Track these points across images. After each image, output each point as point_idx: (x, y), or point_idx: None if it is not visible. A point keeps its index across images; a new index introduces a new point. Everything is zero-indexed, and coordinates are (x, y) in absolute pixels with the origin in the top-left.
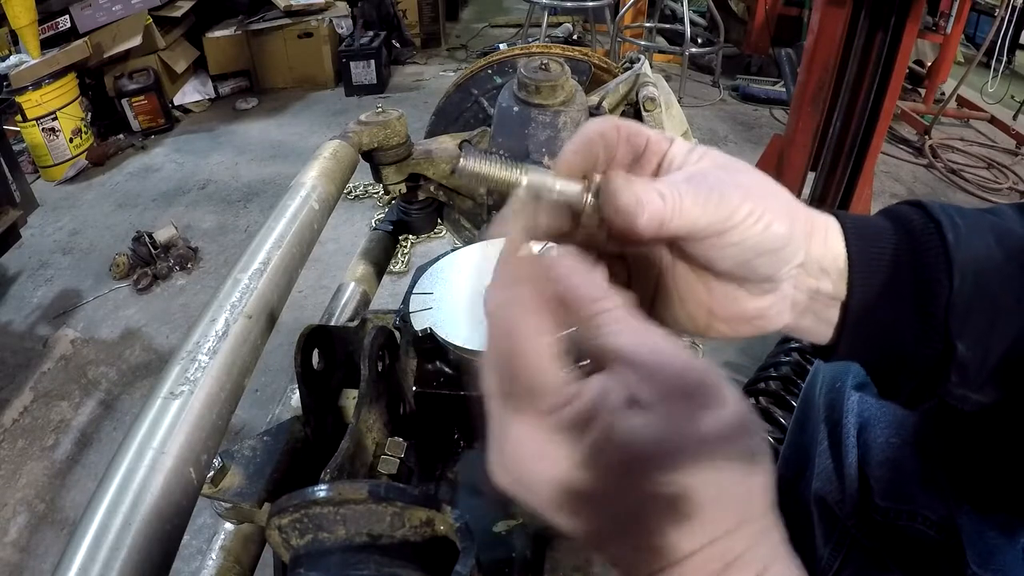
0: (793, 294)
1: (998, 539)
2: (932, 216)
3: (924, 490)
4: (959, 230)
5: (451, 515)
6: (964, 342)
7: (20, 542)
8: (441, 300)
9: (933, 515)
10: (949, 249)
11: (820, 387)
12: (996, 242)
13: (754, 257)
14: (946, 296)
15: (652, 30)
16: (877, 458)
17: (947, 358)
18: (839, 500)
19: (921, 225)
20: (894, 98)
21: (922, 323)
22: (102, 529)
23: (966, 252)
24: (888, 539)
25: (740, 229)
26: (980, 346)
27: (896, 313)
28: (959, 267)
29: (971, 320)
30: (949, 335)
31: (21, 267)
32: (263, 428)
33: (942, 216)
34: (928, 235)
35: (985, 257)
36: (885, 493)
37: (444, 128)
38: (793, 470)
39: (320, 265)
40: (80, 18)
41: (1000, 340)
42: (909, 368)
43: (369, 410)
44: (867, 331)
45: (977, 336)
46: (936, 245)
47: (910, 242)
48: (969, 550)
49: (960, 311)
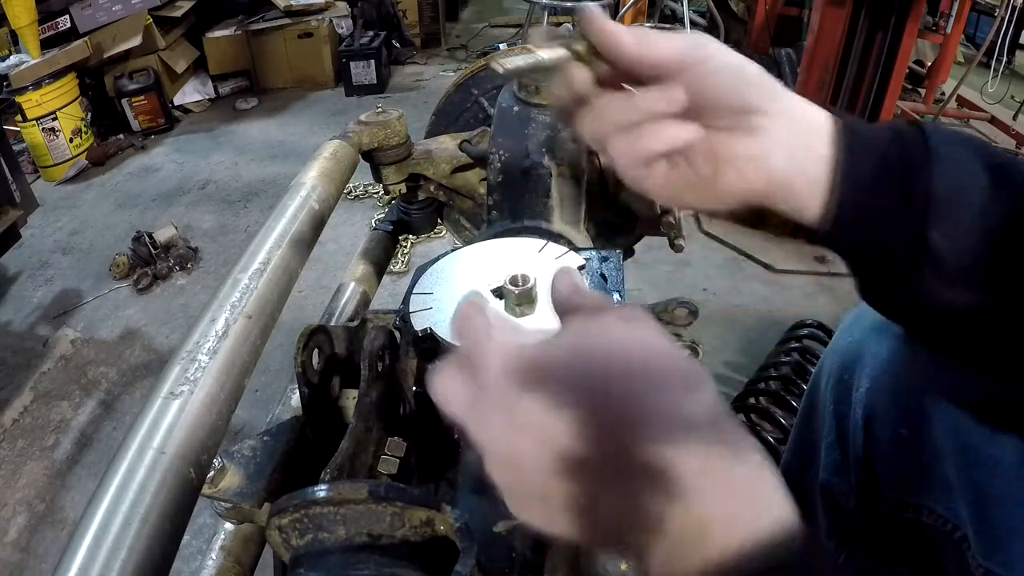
0: (783, 138)
1: (1005, 531)
2: (919, 126)
3: (931, 482)
4: (943, 136)
5: (451, 515)
6: (939, 231)
7: (20, 542)
8: (441, 300)
9: (939, 507)
10: (931, 147)
11: (827, 380)
12: (975, 153)
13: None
14: (925, 186)
15: None
16: (884, 450)
17: (921, 247)
18: (846, 492)
19: (908, 130)
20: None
21: (904, 210)
22: (102, 529)
23: (947, 152)
24: (894, 531)
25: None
26: (953, 240)
27: (880, 202)
28: (939, 164)
29: (947, 214)
30: (925, 224)
31: (21, 267)
32: (263, 428)
33: (928, 126)
34: (914, 137)
35: (965, 161)
36: (892, 485)
37: (444, 128)
38: (799, 463)
39: (320, 265)
40: (80, 18)
41: (974, 239)
42: (888, 258)
43: (369, 410)
44: (855, 214)
45: (951, 230)
46: (919, 143)
47: (900, 140)
48: (975, 542)
49: (938, 202)
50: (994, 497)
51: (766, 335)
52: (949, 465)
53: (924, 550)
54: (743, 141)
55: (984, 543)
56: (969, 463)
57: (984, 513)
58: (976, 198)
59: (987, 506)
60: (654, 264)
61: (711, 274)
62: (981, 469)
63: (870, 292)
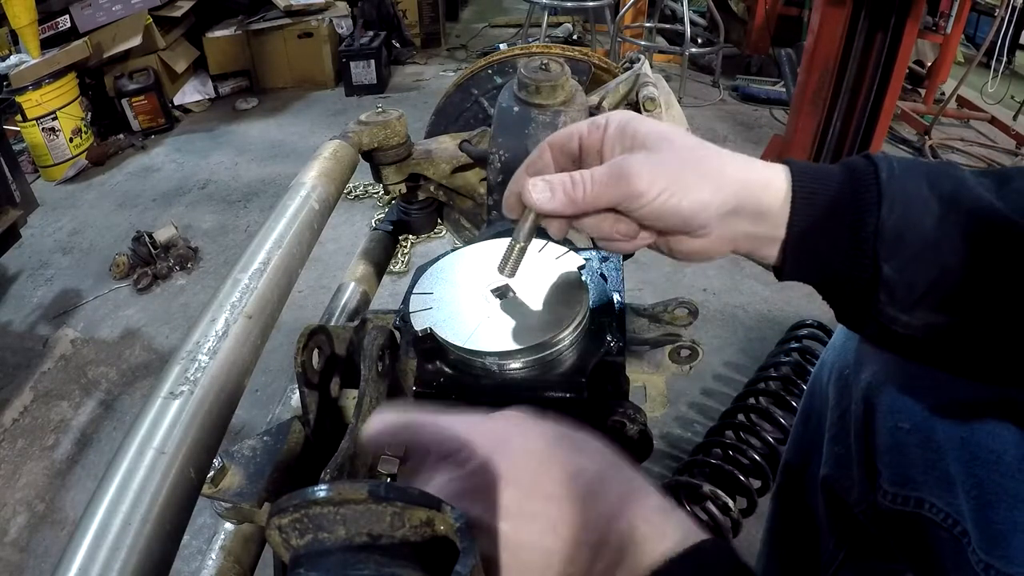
0: (730, 235)
1: (1006, 525)
2: (873, 161)
3: (930, 477)
4: (893, 171)
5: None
6: (890, 265)
7: (20, 542)
8: (441, 300)
9: (940, 502)
10: (881, 184)
11: (828, 376)
12: (928, 183)
13: (674, 219)
14: (874, 224)
15: (652, 30)
16: (885, 445)
17: (875, 280)
18: (847, 486)
19: (863, 167)
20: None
21: (854, 248)
22: (102, 529)
23: (897, 187)
24: (895, 525)
25: (654, 203)
26: (907, 270)
27: (833, 241)
28: (888, 199)
29: (898, 247)
30: (877, 258)
31: (21, 267)
32: (263, 428)
33: (882, 162)
34: (866, 174)
35: (915, 194)
36: (892, 479)
37: (444, 128)
38: (800, 460)
39: (320, 265)
40: (80, 18)
41: (927, 268)
42: (846, 289)
43: (369, 410)
44: (807, 256)
45: (904, 261)
46: (871, 181)
47: (852, 182)
48: (976, 536)
49: (888, 237)
50: (995, 492)
51: (766, 335)
52: (950, 460)
53: (924, 544)
54: (690, 242)
55: (985, 538)
56: (970, 458)
57: (985, 508)
58: (927, 228)
59: (988, 501)
60: (654, 264)
61: (711, 274)
62: (982, 464)
63: (840, 316)
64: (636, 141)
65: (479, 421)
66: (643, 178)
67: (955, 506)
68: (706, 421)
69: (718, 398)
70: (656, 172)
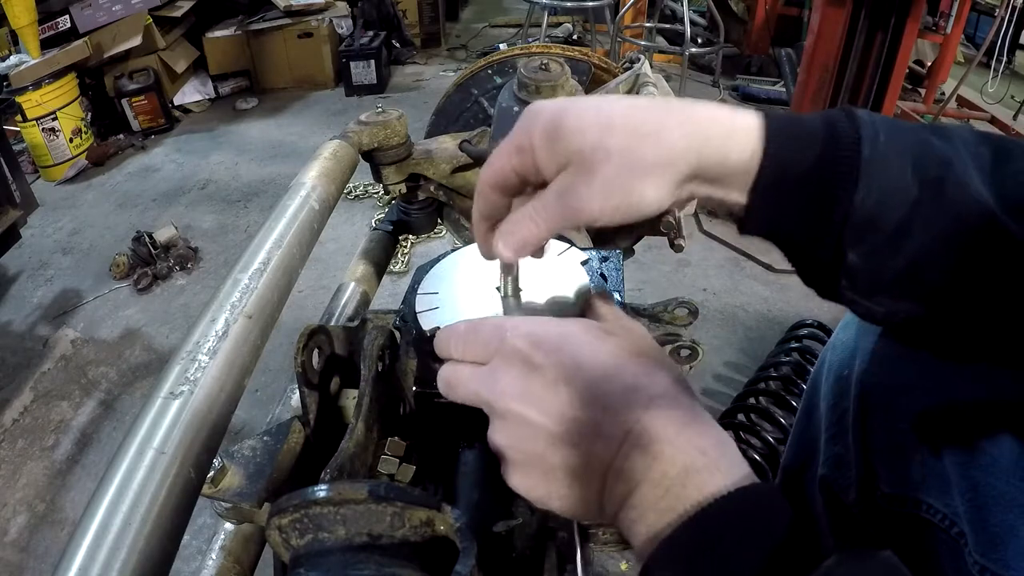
0: (687, 196)
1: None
2: (857, 127)
3: (928, 478)
4: (877, 145)
5: (451, 515)
6: (855, 252)
7: (20, 542)
8: (446, 300)
9: (937, 503)
10: (861, 164)
11: (827, 375)
12: (912, 165)
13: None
14: (845, 209)
15: (652, 30)
16: (882, 445)
17: (839, 264)
18: (845, 486)
19: (846, 136)
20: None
21: (819, 228)
22: (102, 529)
23: (877, 170)
24: (892, 526)
25: (612, 218)
26: (872, 259)
27: (798, 213)
28: (865, 183)
29: (866, 234)
30: (842, 243)
31: (21, 267)
32: (263, 428)
33: (866, 129)
34: (847, 148)
35: (896, 178)
36: (890, 480)
37: (444, 128)
38: (799, 461)
39: (320, 265)
40: (80, 18)
41: (894, 257)
42: (807, 261)
43: (369, 410)
44: (768, 222)
45: (872, 249)
46: (852, 158)
47: (831, 153)
48: (972, 539)
49: (857, 223)
50: (992, 496)
51: (766, 335)
52: (947, 462)
53: (922, 546)
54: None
55: (981, 541)
56: (966, 461)
57: (981, 511)
58: (901, 216)
59: (984, 504)
60: (654, 264)
61: (711, 274)
62: (977, 467)
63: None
64: (571, 157)
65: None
66: (593, 204)
67: (952, 508)
68: None
69: (718, 398)
70: (604, 193)
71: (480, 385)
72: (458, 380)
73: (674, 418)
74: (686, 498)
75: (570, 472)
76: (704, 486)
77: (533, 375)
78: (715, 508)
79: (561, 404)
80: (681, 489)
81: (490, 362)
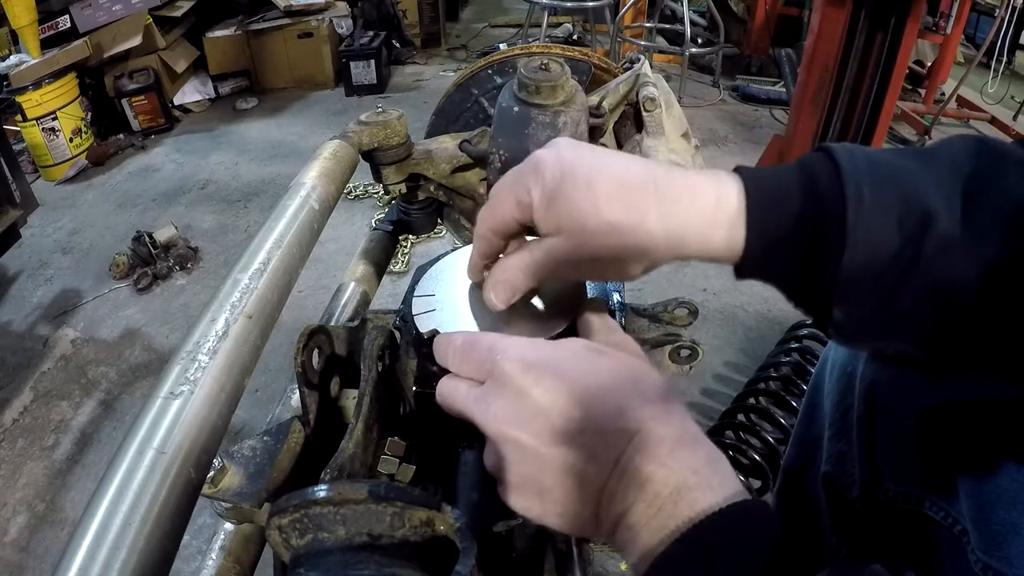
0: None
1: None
2: (842, 189)
3: (932, 476)
4: (862, 207)
5: (451, 515)
6: (841, 308)
7: (20, 542)
8: (444, 302)
9: (940, 500)
10: (847, 229)
11: (830, 373)
12: (897, 223)
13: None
14: (832, 272)
15: (652, 30)
16: (886, 442)
17: (824, 315)
18: (848, 483)
19: (830, 201)
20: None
21: (805, 286)
22: (102, 529)
23: (863, 234)
24: (895, 523)
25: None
26: (853, 314)
27: (786, 269)
28: (851, 247)
29: (851, 292)
30: (828, 300)
31: (21, 267)
32: (263, 428)
33: (850, 188)
34: (832, 215)
35: (882, 237)
36: (893, 477)
37: (444, 128)
38: (801, 460)
39: (320, 265)
40: (80, 18)
41: (884, 312)
42: (798, 303)
43: (369, 410)
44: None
45: (856, 304)
46: (837, 225)
47: (814, 220)
48: (974, 537)
49: (843, 282)
50: (995, 494)
51: (766, 335)
52: (950, 460)
53: (925, 543)
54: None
55: (983, 539)
56: (970, 459)
57: (984, 510)
58: (887, 276)
59: (987, 503)
60: None
61: (711, 274)
62: (981, 466)
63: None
64: (563, 228)
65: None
66: (580, 272)
67: (955, 505)
68: (706, 421)
69: (718, 398)
70: (589, 267)
71: (474, 407)
72: (454, 399)
73: (665, 438)
74: (679, 515)
75: (564, 494)
76: (696, 503)
77: (524, 400)
78: (708, 524)
79: (552, 428)
80: (673, 507)
81: (484, 384)
